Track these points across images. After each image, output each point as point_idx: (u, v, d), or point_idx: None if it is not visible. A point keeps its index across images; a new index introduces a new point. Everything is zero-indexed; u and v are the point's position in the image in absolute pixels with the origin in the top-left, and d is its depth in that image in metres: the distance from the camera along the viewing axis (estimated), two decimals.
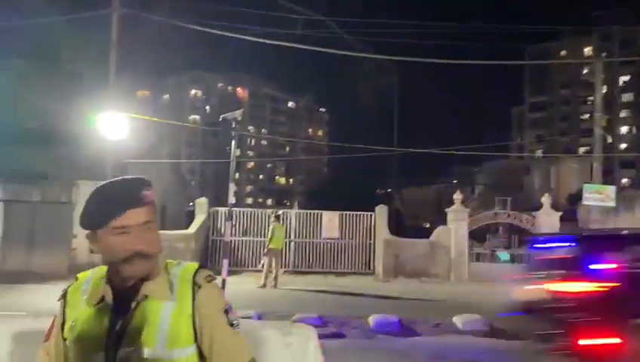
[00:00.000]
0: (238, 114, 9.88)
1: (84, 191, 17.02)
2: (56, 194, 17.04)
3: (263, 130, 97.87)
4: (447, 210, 17.69)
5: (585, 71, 66.58)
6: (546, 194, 17.65)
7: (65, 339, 1.66)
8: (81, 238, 16.77)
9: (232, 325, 1.65)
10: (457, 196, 17.38)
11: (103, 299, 1.63)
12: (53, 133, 17.49)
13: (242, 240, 17.63)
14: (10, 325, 4.26)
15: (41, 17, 17.63)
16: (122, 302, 1.60)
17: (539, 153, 68.45)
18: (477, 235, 17.63)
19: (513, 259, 17.52)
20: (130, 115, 17.25)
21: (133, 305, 1.58)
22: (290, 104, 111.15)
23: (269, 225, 15.30)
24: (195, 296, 1.61)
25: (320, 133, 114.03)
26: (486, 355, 7.77)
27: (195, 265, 1.74)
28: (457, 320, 9.56)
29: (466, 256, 17.10)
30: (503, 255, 18.03)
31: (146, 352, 1.53)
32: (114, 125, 16.30)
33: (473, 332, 9.11)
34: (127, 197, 1.59)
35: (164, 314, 1.57)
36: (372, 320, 9.25)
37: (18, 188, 16.94)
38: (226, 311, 1.65)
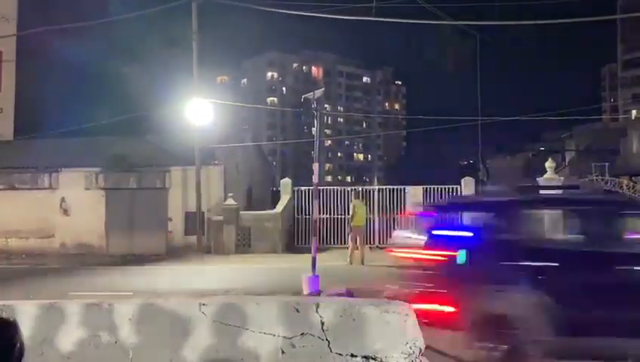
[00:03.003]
0: (319, 93, 9.89)
1: (175, 176, 17.91)
2: (152, 180, 18.02)
3: (339, 108, 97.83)
4: (538, 179, 16.86)
5: None
6: None
7: None
8: (176, 221, 17.72)
9: None
10: (550, 164, 16.50)
11: None
12: (146, 123, 18.45)
13: (326, 218, 17.81)
14: (130, 305, 4.55)
15: (124, 13, 18.46)
16: None
17: (635, 113, 63.40)
18: None
19: None
20: (214, 100, 17.81)
21: None
22: (365, 79, 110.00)
23: (350, 203, 15.35)
24: None
25: (397, 106, 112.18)
26: None
27: None
28: None
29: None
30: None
31: None
32: (200, 112, 16.91)
33: None
34: None
35: None
36: None
37: (117, 176, 18.08)
38: None
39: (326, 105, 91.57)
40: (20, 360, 1.01)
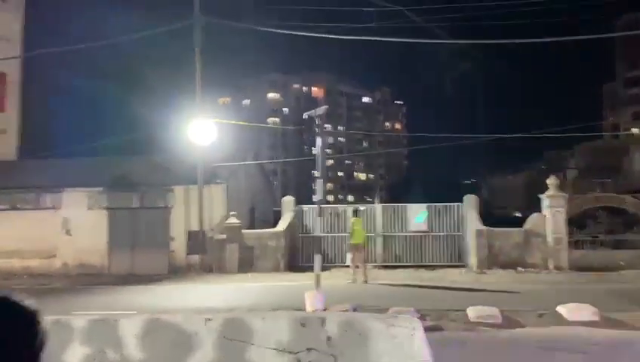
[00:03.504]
0: (321, 110, 9.97)
1: (178, 195, 17.93)
2: (154, 199, 18.04)
3: (339, 127, 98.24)
4: (541, 196, 16.85)
5: None
6: None
7: None
8: (178, 240, 17.69)
9: None
10: (552, 181, 16.49)
11: None
12: (149, 143, 18.54)
13: (328, 236, 17.77)
14: (134, 321, 4.53)
15: (127, 35, 18.66)
16: None
17: (636, 131, 63.47)
18: (574, 221, 16.64)
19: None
20: (216, 120, 17.91)
21: None
22: (366, 99, 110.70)
23: (349, 221, 15.34)
24: None
25: (398, 126, 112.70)
26: (599, 347, 7.31)
27: None
28: (563, 310, 9.07)
29: (565, 243, 16.20)
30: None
31: None
32: (202, 131, 17.00)
33: (581, 323, 8.60)
34: None
35: None
36: (471, 312, 8.99)
37: (120, 195, 18.11)
38: None
39: (327, 125, 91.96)
40: (41, 350, 1.01)
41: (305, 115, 10.23)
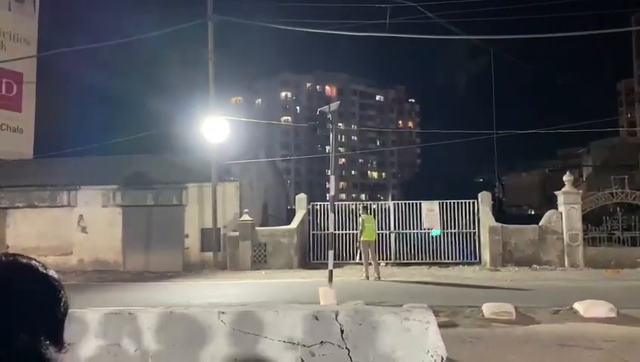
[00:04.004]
0: (334, 106, 9.94)
1: (192, 193, 18.03)
2: (168, 197, 18.16)
3: (352, 126, 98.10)
4: (556, 192, 16.68)
5: None
6: None
7: None
8: (192, 238, 17.80)
9: None
10: (567, 178, 16.33)
11: None
12: (163, 141, 18.66)
13: (341, 233, 17.74)
14: (151, 314, 4.56)
15: (141, 34, 18.80)
16: None
17: None
18: (590, 218, 16.45)
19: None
20: (229, 118, 17.98)
21: None
22: (378, 97, 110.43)
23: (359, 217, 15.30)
24: None
25: (410, 124, 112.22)
26: (616, 343, 7.21)
27: None
28: (579, 307, 8.96)
29: (581, 240, 16.02)
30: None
31: None
32: (216, 129, 17.08)
33: (598, 319, 8.49)
34: None
35: None
36: (485, 308, 8.92)
37: (134, 193, 18.26)
38: None
39: (340, 124, 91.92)
40: (65, 316, 1.03)
41: (318, 111, 10.22)
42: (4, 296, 0.98)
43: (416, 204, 18.01)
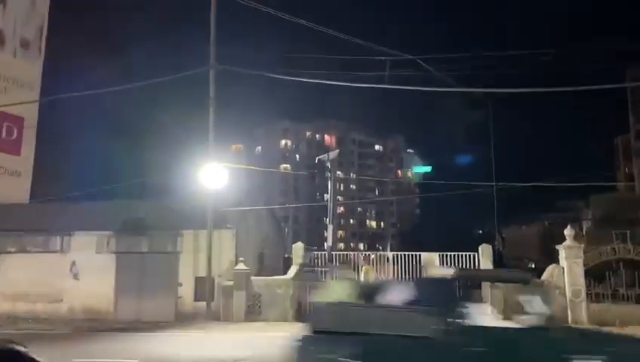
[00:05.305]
0: (333, 154, 9.86)
1: (187, 240, 17.74)
2: (163, 244, 17.86)
3: (352, 175, 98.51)
4: (558, 246, 16.41)
5: None
6: None
7: None
8: (186, 286, 17.38)
9: None
10: (569, 232, 16.10)
11: None
12: (159, 187, 18.51)
13: None
14: None
15: (142, 80, 18.97)
16: None
17: None
18: (592, 274, 16.12)
19: None
20: (227, 164, 17.92)
21: None
22: (377, 147, 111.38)
23: (360, 268, 14.99)
24: None
25: (409, 174, 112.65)
26: None
27: None
28: None
29: (584, 296, 15.64)
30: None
31: None
32: (214, 176, 16.98)
33: None
34: None
35: None
36: None
37: (129, 240, 17.97)
38: None
39: (339, 173, 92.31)
40: None
41: (317, 159, 10.13)
42: None
43: (416, 255, 17.69)
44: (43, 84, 23.53)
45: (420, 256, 17.62)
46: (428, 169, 16.12)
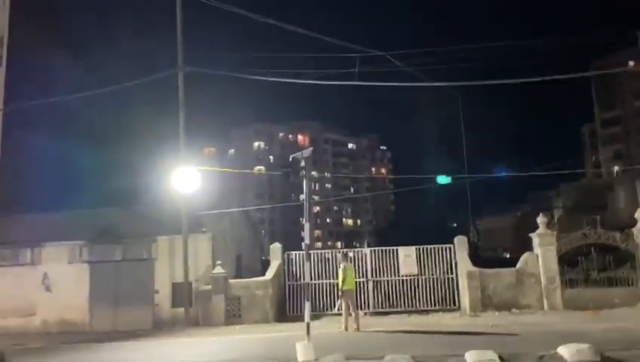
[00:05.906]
0: (307, 153, 9.82)
1: (162, 246, 17.46)
2: (138, 251, 17.55)
3: (326, 174, 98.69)
4: (531, 234, 16.68)
5: None
6: (639, 209, 16.33)
7: None
8: (163, 293, 17.10)
9: None
10: (542, 219, 16.37)
11: None
12: (131, 193, 18.17)
13: (317, 283, 17.27)
14: None
15: (110, 85, 18.50)
16: None
17: (616, 168, 64.50)
18: (566, 260, 16.44)
19: None
20: (200, 168, 17.71)
21: None
22: (351, 146, 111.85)
23: (339, 266, 14.94)
24: None
25: (383, 171, 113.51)
26: None
27: None
28: (563, 351, 8.74)
29: (558, 282, 15.93)
30: None
31: None
32: (186, 180, 16.75)
33: None
34: None
35: None
36: (469, 357, 8.61)
37: (102, 248, 17.61)
38: None
39: (313, 172, 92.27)
40: None
41: (290, 158, 10.08)
42: None
43: (394, 250, 17.77)
44: (6, 94, 22.86)
45: (397, 250, 17.70)
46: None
